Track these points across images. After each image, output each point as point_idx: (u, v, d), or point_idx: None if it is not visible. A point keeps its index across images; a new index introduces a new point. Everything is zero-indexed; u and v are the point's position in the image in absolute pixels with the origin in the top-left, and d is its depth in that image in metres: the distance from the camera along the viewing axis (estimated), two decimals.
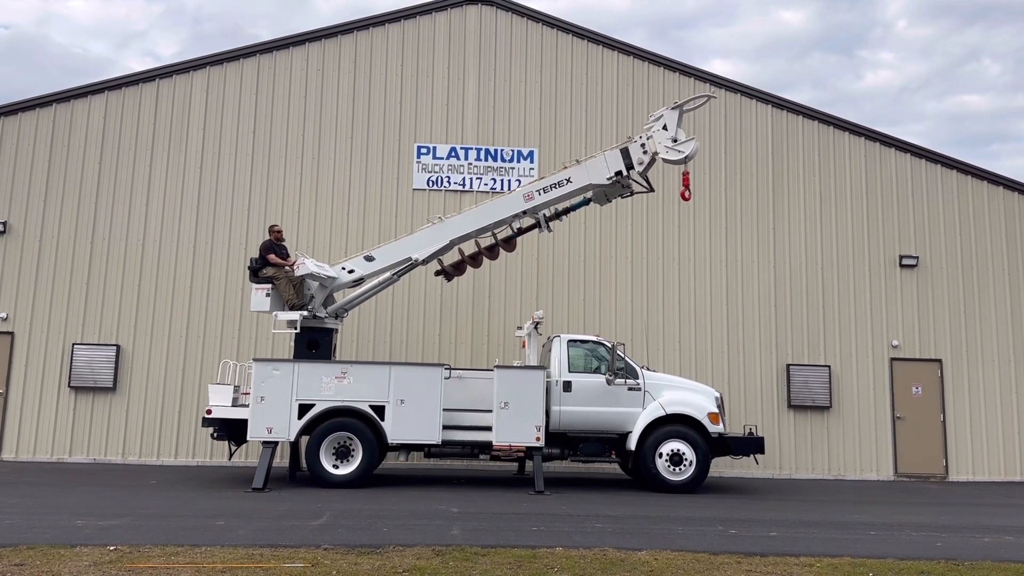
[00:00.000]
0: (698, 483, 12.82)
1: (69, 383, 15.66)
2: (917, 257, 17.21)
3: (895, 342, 16.91)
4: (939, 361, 16.93)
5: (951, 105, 61.42)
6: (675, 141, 12.60)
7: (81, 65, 61.14)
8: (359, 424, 12.36)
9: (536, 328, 13.84)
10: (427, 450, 12.81)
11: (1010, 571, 7.61)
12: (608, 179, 12.91)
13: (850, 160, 17.66)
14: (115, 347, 15.79)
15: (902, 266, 17.19)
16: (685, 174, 12.68)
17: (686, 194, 12.70)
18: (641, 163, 12.86)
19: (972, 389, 16.86)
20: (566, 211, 13.58)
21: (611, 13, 69.17)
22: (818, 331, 16.90)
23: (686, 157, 12.55)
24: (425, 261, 13.37)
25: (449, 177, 16.93)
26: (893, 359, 16.87)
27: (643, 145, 12.84)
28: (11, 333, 15.81)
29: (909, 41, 63.97)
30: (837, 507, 12.09)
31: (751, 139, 17.48)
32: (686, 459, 12.78)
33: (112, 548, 7.50)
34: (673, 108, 12.81)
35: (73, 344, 15.77)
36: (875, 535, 9.44)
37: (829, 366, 16.70)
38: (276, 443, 12.42)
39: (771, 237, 17.18)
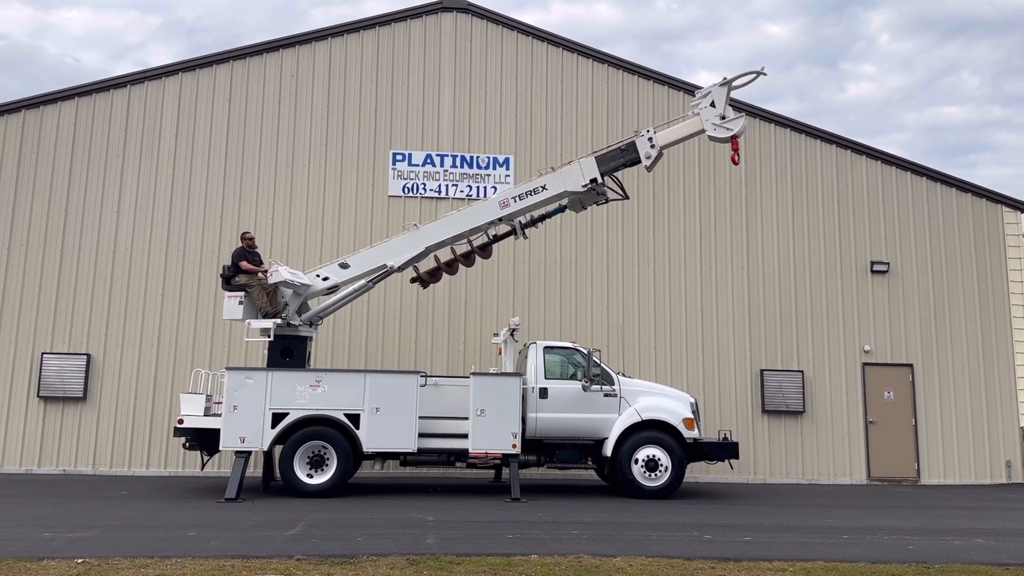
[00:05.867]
0: (673, 488, 12.86)
1: (38, 393, 15.40)
2: (888, 263, 17.44)
3: (867, 347, 17.10)
4: (910, 366, 17.15)
5: (931, 116, 62.77)
6: (723, 118, 12.65)
7: (73, 76, 60.86)
8: (334, 433, 12.27)
9: (512, 335, 13.83)
10: (403, 458, 12.75)
11: (980, 573, 7.70)
12: (583, 186, 12.93)
13: (822, 168, 17.88)
14: (85, 356, 15.55)
15: (874, 272, 17.41)
16: (735, 139, 12.70)
17: (736, 158, 12.78)
18: (648, 157, 12.86)
19: (943, 393, 17.10)
20: (541, 218, 13.60)
21: (601, 26, 69.95)
22: (791, 336, 17.05)
23: (734, 135, 12.62)
24: (400, 268, 13.32)
25: (425, 184, 16.90)
26: (865, 364, 17.06)
27: (651, 139, 12.87)
28: None
29: (891, 54, 65.25)
30: (810, 511, 12.18)
31: (724, 146, 17.53)
32: (661, 465, 12.82)
33: (80, 561, 7.37)
34: (722, 85, 12.74)
35: (42, 353, 15.51)
36: (848, 539, 9.52)
37: (802, 371, 16.86)
38: (249, 453, 12.28)
39: (745, 243, 17.33)
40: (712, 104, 12.71)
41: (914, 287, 17.51)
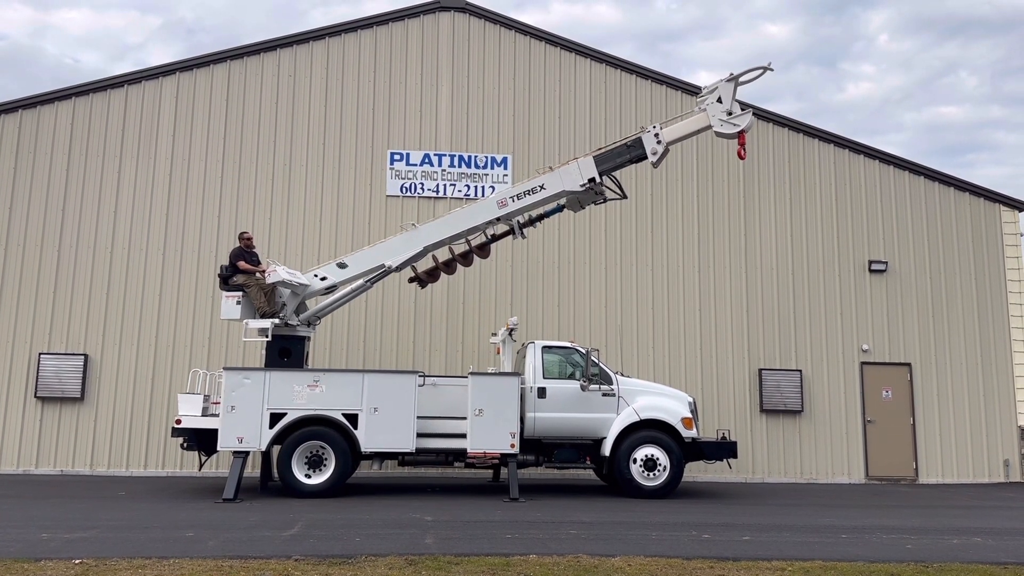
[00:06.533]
0: (672, 488, 12.86)
1: (35, 393, 15.36)
2: (886, 262, 17.45)
3: (865, 346, 17.11)
4: (908, 365, 17.16)
5: (929, 116, 62.96)
6: (730, 114, 12.66)
7: (73, 76, 60.93)
8: (332, 433, 12.24)
9: (511, 334, 13.81)
10: (401, 458, 12.73)
11: (978, 572, 7.70)
12: (581, 186, 12.92)
13: (820, 167, 17.88)
14: (83, 356, 15.52)
15: (871, 271, 17.41)
16: (742, 134, 12.70)
17: (742, 152, 12.79)
18: (655, 153, 12.84)
19: (941, 392, 17.11)
20: (540, 217, 13.58)
21: (601, 26, 70.10)
22: (789, 336, 17.06)
23: (741, 131, 12.62)
24: (399, 268, 13.30)
25: (423, 184, 16.89)
26: (863, 363, 17.07)
27: (657, 135, 12.85)
28: None
29: (890, 54, 65.40)
30: (809, 510, 12.19)
31: (723, 145, 17.57)
32: (660, 464, 12.81)
33: (78, 561, 7.35)
34: (729, 80, 12.73)
35: (39, 354, 15.48)
36: (846, 538, 9.53)
37: (800, 370, 16.86)
38: (247, 453, 12.24)
39: (743, 243, 17.33)
40: (719, 100, 12.72)
41: (912, 286, 17.52)
